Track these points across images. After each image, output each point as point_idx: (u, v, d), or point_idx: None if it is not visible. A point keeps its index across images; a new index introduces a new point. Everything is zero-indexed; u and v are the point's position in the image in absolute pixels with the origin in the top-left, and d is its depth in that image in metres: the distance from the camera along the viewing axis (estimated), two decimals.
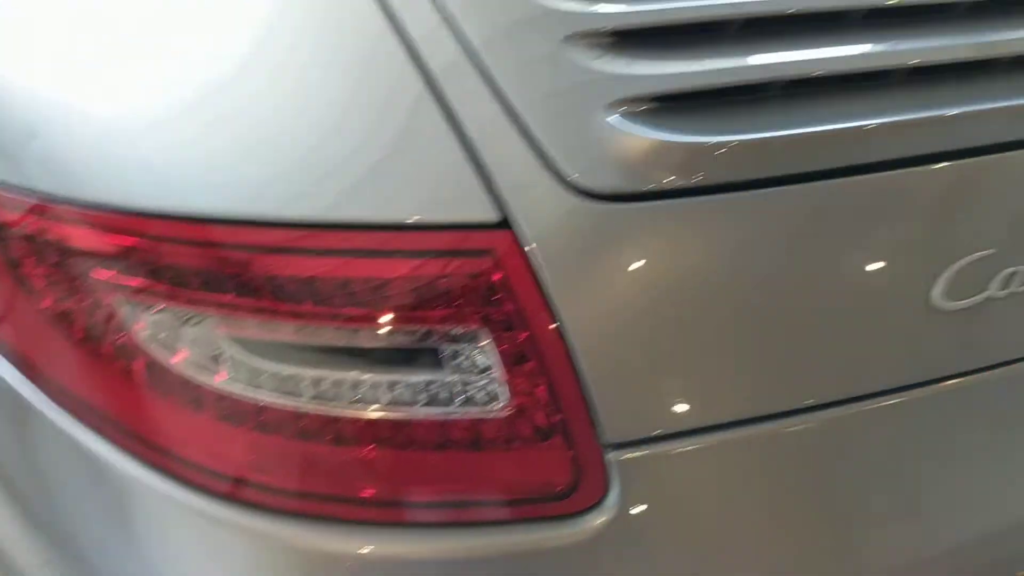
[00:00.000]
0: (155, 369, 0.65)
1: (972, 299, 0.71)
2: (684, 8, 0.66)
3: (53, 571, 0.81)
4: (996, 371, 0.74)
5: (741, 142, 0.64)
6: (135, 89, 0.70)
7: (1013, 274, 0.72)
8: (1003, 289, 0.72)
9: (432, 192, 0.62)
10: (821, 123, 0.66)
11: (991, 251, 0.71)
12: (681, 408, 0.65)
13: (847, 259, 0.70)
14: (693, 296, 0.65)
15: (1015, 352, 0.75)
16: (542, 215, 0.62)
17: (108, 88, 0.70)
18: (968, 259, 0.70)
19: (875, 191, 0.69)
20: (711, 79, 0.65)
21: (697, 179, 0.64)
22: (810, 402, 0.68)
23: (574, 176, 0.62)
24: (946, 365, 0.73)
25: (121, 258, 0.65)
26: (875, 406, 0.71)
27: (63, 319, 0.69)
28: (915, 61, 0.70)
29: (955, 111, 0.70)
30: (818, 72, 0.68)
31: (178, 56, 0.69)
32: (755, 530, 0.70)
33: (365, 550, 0.64)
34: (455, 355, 0.62)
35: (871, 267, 0.70)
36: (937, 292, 0.69)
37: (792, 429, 0.68)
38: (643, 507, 0.65)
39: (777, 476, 0.70)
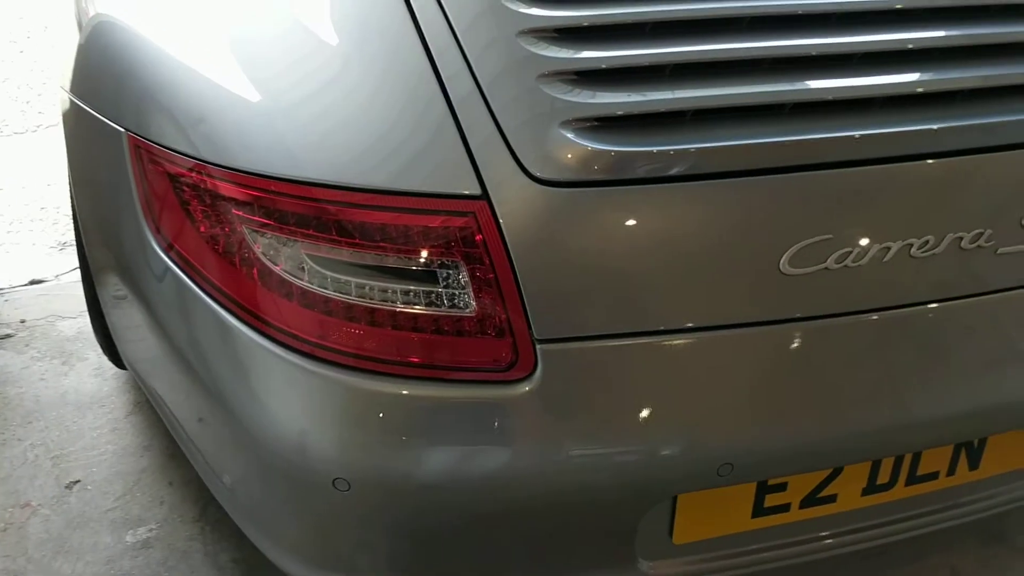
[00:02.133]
0: (265, 272, 1.01)
1: (811, 268, 1.00)
2: (626, 56, 0.98)
3: (204, 426, 1.19)
4: (828, 320, 1.03)
5: (647, 151, 0.96)
6: (263, 88, 1.06)
7: (846, 253, 1.01)
8: (838, 264, 1.01)
9: (444, 175, 0.96)
10: (713, 140, 0.97)
11: (829, 236, 1.00)
12: (586, 322, 0.97)
13: (724, 232, 0.99)
14: (604, 249, 0.97)
15: (842, 308, 1.03)
16: (510, 193, 0.95)
17: (245, 85, 1.06)
18: (810, 240, 0.99)
19: (746, 190, 0.98)
20: (634, 108, 0.97)
21: (616, 175, 0.96)
22: (679, 326, 0.99)
23: (534, 170, 0.95)
24: (788, 311, 1.02)
25: (249, 204, 1.01)
26: (735, 333, 1.01)
27: (211, 239, 1.06)
28: (792, 99, 1.00)
29: (818, 136, 0.99)
30: (718, 104, 0.98)
31: (289, 66, 1.05)
32: (631, 406, 1.00)
33: (400, 391, 0.98)
34: (446, 277, 0.97)
35: (740, 239, 0.99)
36: (784, 261, 1.00)
37: (665, 343, 0.99)
38: (557, 381, 0.97)
39: (650, 376, 1.00)
